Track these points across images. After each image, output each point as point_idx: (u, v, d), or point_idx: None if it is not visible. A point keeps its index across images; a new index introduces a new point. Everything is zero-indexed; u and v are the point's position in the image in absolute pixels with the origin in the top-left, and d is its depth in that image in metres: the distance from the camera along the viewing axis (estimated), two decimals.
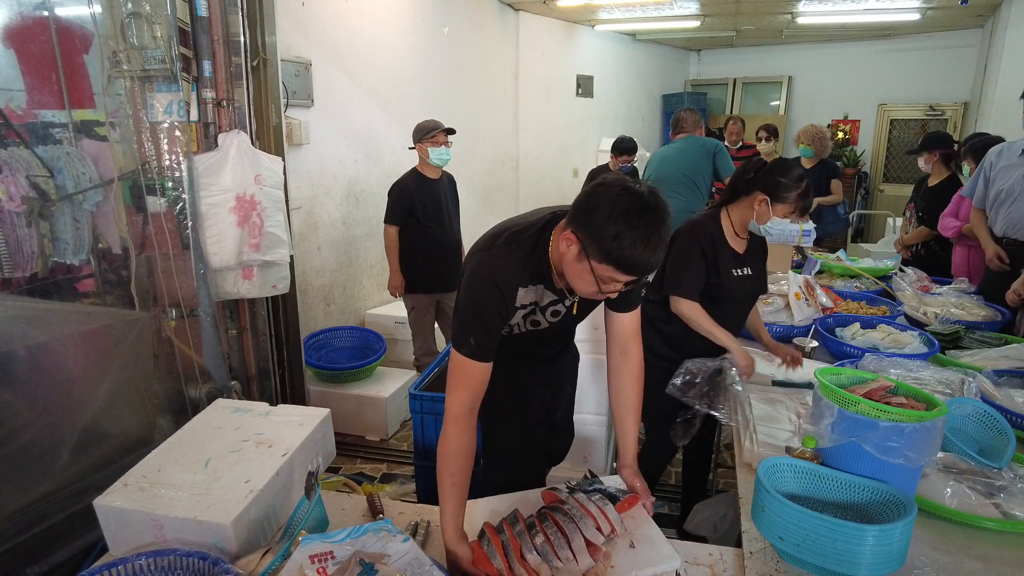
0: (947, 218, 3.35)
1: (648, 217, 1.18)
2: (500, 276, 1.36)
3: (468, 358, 1.35)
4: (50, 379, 1.97)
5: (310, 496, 1.35)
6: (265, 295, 2.57)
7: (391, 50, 4.54)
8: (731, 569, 1.27)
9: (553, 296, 1.44)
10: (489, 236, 1.44)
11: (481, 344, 1.35)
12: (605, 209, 1.18)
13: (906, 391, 1.34)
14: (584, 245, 1.21)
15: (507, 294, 1.37)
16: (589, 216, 1.20)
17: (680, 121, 4.03)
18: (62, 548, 1.89)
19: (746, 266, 2.07)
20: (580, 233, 1.22)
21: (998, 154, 2.83)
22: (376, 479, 3.11)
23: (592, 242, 1.20)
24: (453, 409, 1.35)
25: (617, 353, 1.57)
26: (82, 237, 2.12)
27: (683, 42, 8.54)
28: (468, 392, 1.36)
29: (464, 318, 1.37)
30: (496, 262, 1.38)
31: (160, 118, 2.26)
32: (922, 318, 2.42)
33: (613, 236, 1.17)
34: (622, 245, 1.17)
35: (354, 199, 4.27)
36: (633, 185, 1.21)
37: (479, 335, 1.35)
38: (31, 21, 2.06)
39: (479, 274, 1.38)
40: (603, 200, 1.20)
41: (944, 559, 1.21)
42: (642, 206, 1.18)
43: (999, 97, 5.74)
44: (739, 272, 2.06)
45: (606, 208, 1.18)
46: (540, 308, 1.45)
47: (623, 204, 1.18)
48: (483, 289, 1.36)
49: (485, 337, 1.36)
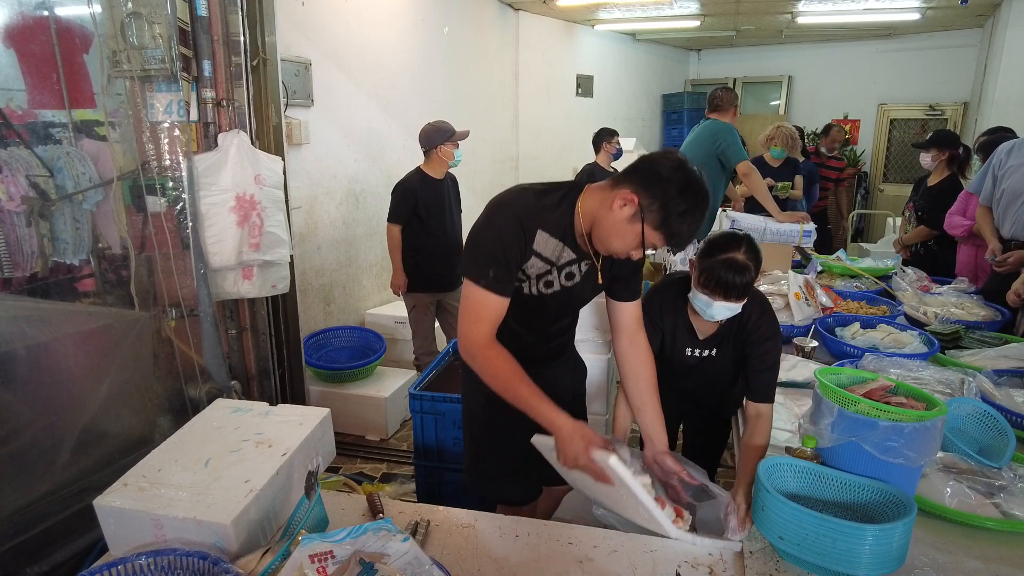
0: (955, 216, 3.30)
1: (705, 201, 1.30)
2: (523, 213, 1.38)
3: (486, 290, 1.35)
4: (50, 379, 1.97)
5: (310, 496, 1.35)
6: (265, 295, 2.57)
7: (391, 50, 4.55)
8: (731, 569, 1.27)
9: (572, 256, 1.44)
10: (524, 184, 1.46)
11: (499, 276, 1.35)
12: (679, 183, 1.27)
13: (906, 391, 1.34)
14: (644, 209, 1.28)
15: (527, 231, 1.38)
16: (663, 185, 1.27)
17: (714, 99, 3.91)
18: (62, 548, 1.89)
19: (709, 348, 1.82)
20: (646, 198, 1.28)
21: (1008, 152, 2.78)
22: (376, 479, 3.11)
23: (658, 209, 1.27)
24: (479, 340, 1.35)
25: (626, 342, 1.60)
26: (82, 237, 2.11)
27: (683, 42, 8.54)
28: (488, 325, 1.36)
29: (482, 249, 1.37)
30: (521, 199, 1.40)
31: (160, 118, 2.26)
32: (922, 318, 2.42)
33: (681, 212, 1.27)
34: (684, 220, 1.28)
35: (354, 199, 4.27)
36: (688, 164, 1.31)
37: (498, 266, 1.35)
38: (31, 21, 2.06)
39: (502, 208, 1.39)
40: (678, 175, 1.28)
41: (944, 559, 1.21)
42: (704, 192, 1.30)
43: (999, 97, 5.74)
44: (694, 353, 1.83)
45: (680, 182, 1.27)
46: (557, 268, 1.45)
47: (694, 186, 1.28)
48: (506, 221, 1.37)
49: (504, 270, 1.36)
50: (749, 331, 1.72)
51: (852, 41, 7.90)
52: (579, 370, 1.86)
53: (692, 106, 8.37)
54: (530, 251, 1.40)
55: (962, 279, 2.96)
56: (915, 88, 7.69)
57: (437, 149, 3.35)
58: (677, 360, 1.84)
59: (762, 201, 3.78)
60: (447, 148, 3.35)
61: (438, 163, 3.39)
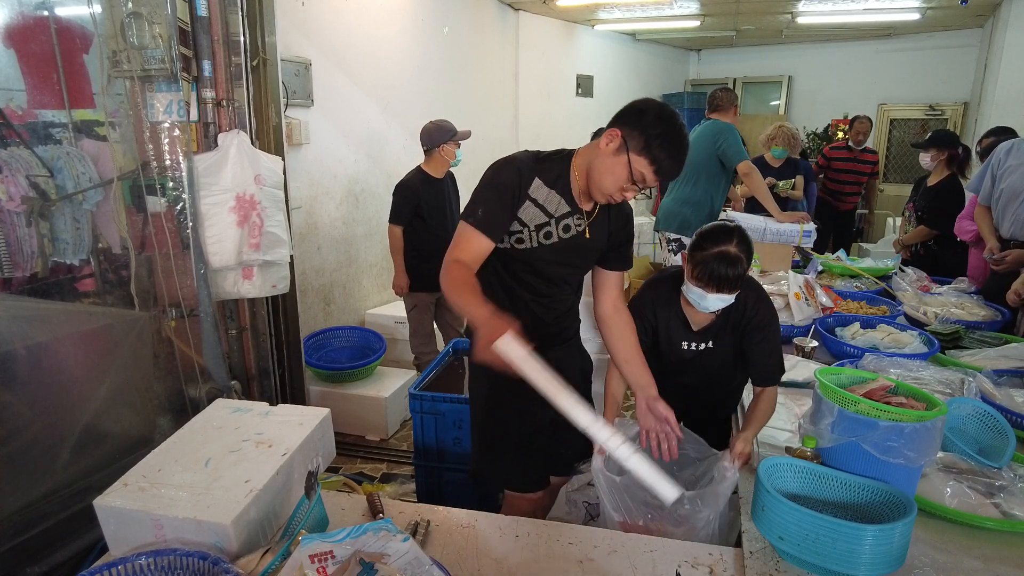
0: (964, 221, 3.29)
1: (682, 132, 1.46)
2: (522, 164, 1.54)
3: (473, 227, 1.48)
4: (50, 379, 1.97)
5: (310, 496, 1.35)
6: (265, 295, 2.57)
7: (391, 50, 4.55)
8: (731, 569, 1.27)
9: (568, 209, 1.57)
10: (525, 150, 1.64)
11: (488, 215, 1.49)
12: (655, 112, 1.45)
13: (906, 391, 1.34)
14: (627, 139, 1.44)
15: (524, 177, 1.52)
16: (640, 116, 1.45)
17: (714, 99, 3.93)
18: (62, 548, 1.89)
19: (705, 341, 1.82)
20: (626, 128, 1.45)
21: (1007, 152, 2.79)
22: (376, 479, 3.11)
23: (638, 135, 1.43)
24: (450, 258, 1.48)
25: (610, 308, 1.73)
26: (82, 237, 2.11)
27: (683, 42, 8.54)
28: (467, 256, 1.49)
29: (477, 194, 1.52)
30: (522, 155, 1.58)
31: (160, 118, 2.26)
32: (922, 318, 2.42)
33: (658, 135, 1.42)
34: (663, 144, 1.42)
35: (354, 199, 4.27)
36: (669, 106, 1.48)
37: (488, 205, 1.49)
38: (31, 21, 2.06)
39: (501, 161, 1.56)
40: (652, 107, 1.46)
41: (944, 559, 1.21)
42: (680, 123, 1.47)
43: (999, 97, 5.74)
44: (690, 347, 1.83)
45: (655, 111, 1.45)
46: (555, 219, 1.56)
47: (668, 115, 1.45)
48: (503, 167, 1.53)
49: (494, 210, 1.49)
50: (748, 319, 1.74)
51: (852, 41, 7.90)
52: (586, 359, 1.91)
53: (692, 106, 8.37)
54: (525, 195, 1.53)
55: (962, 279, 2.96)
56: (915, 88, 7.68)
57: (439, 148, 3.34)
58: (674, 354, 1.84)
59: (762, 201, 3.78)
60: (449, 147, 3.35)
61: (439, 162, 3.38)
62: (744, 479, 1.53)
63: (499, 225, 1.51)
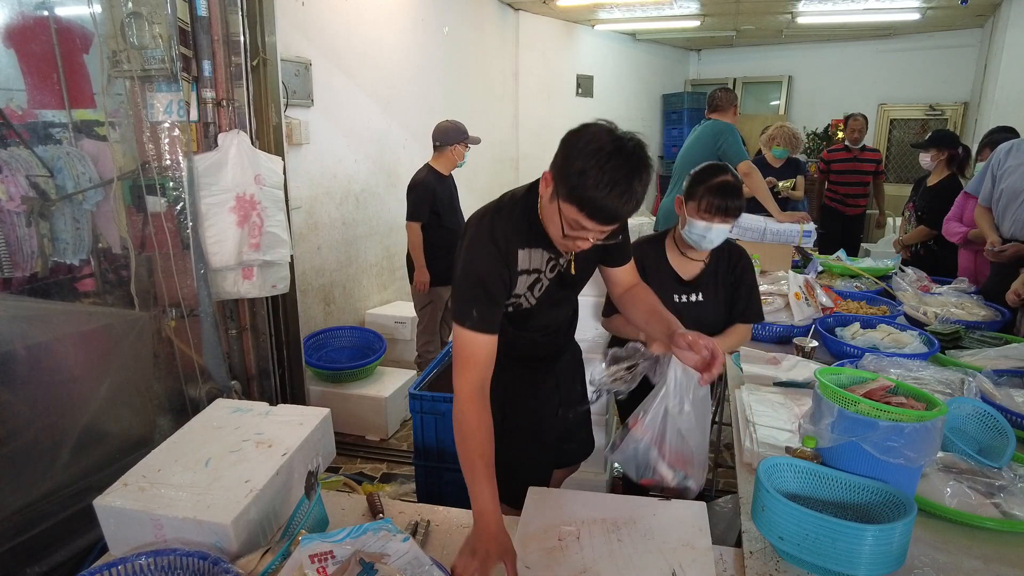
0: (952, 223, 3.30)
1: (619, 161, 1.12)
2: (497, 236, 1.33)
3: (472, 331, 1.30)
4: (50, 379, 1.97)
5: (310, 496, 1.35)
6: (265, 295, 2.57)
7: (391, 50, 4.55)
8: (731, 569, 1.27)
9: (551, 255, 1.41)
10: (480, 210, 1.43)
11: (484, 315, 1.31)
12: (580, 145, 1.14)
13: (906, 391, 1.34)
14: (556, 182, 1.19)
15: (507, 256, 1.34)
16: (563, 151, 1.17)
17: (713, 99, 3.94)
18: (62, 548, 1.89)
19: (695, 292, 1.94)
20: (554, 169, 1.20)
21: (1007, 152, 2.79)
22: (376, 479, 3.11)
23: (560, 177, 1.16)
24: (464, 390, 1.29)
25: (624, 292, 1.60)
26: (82, 237, 2.12)
27: (683, 42, 8.54)
28: (476, 371, 1.31)
29: (464, 289, 1.32)
30: (489, 228, 1.34)
31: (160, 118, 2.26)
32: (922, 318, 2.42)
33: (579, 172, 1.12)
34: (585, 184, 1.11)
35: (354, 199, 4.27)
36: (616, 130, 1.17)
37: (481, 304, 1.30)
38: (31, 21, 2.06)
39: (476, 244, 1.34)
40: (581, 138, 1.16)
41: (944, 559, 1.21)
42: (616, 149, 1.12)
43: (999, 97, 5.74)
44: (681, 298, 1.94)
45: (581, 144, 1.14)
46: (542, 272, 1.43)
47: (597, 142, 1.13)
48: (482, 253, 1.32)
49: (488, 306, 1.32)
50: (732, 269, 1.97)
51: (852, 41, 7.90)
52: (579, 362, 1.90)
53: (692, 106, 8.37)
54: (515, 275, 1.38)
55: (962, 279, 2.95)
56: (915, 88, 7.68)
57: (452, 147, 3.42)
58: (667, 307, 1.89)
59: (763, 201, 3.78)
60: (460, 148, 3.44)
61: (448, 161, 3.45)
62: (744, 479, 1.53)
63: (498, 317, 1.35)
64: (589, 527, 1.38)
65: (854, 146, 5.11)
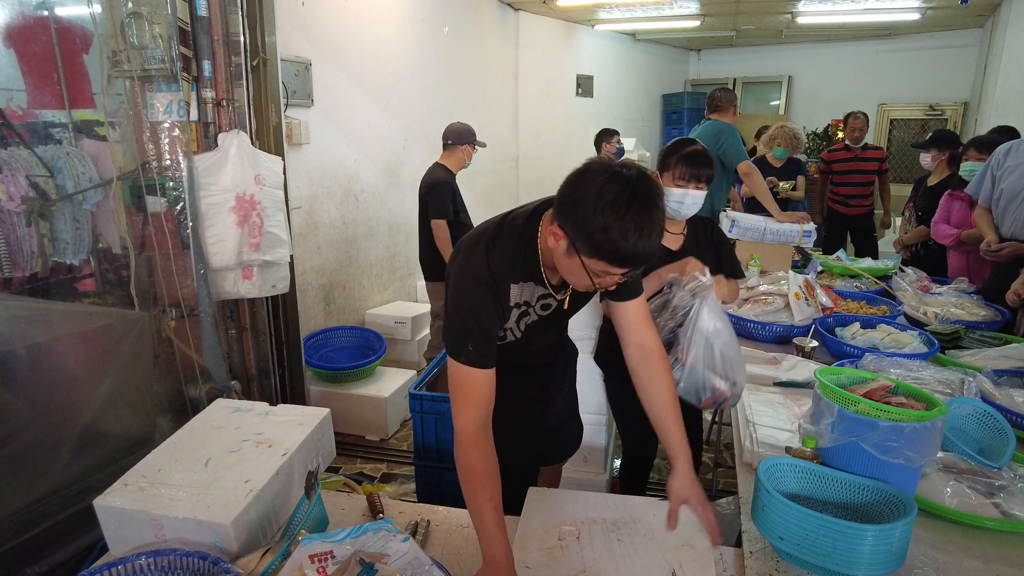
0: (940, 225, 3.30)
1: (638, 204, 1.08)
2: (493, 272, 1.28)
3: (469, 367, 1.24)
4: (50, 379, 1.97)
5: (310, 496, 1.35)
6: (265, 295, 2.57)
7: (391, 50, 4.55)
8: (731, 569, 1.27)
9: (543, 290, 1.36)
10: (475, 234, 1.36)
11: (480, 349, 1.25)
12: (591, 200, 1.09)
13: (906, 391, 1.34)
14: (572, 240, 1.14)
15: (500, 293, 1.29)
16: (574, 209, 1.12)
17: (713, 100, 3.93)
18: (62, 548, 1.89)
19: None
20: (567, 227, 1.14)
21: (1006, 153, 2.79)
22: (376, 479, 3.11)
23: (580, 236, 1.12)
24: (468, 430, 1.23)
25: (634, 347, 1.45)
26: (82, 237, 2.12)
27: (683, 42, 8.54)
28: (477, 407, 1.25)
29: (458, 324, 1.27)
30: (484, 260, 1.28)
31: (160, 118, 2.26)
32: (922, 318, 2.42)
33: (602, 228, 1.08)
34: (612, 238, 1.08)
35: (354, 199, 4.27)
36: (619, 170, 1.13)
37: (477, 340, 1.25)
38: (31, 21, 2.06)
39: (468, 274, 1.28)
40: (588, 191, 1.11)
41: (944, 559, 1.21)
42: (630, 193, 1.09)
43: (999, 97, 5.74)
44: None
45: (592, 199, 1.09)
46: (531, 306, 1.39)
47: (610, 193, 1.09)
48: (476, 290, 1.27)
49: (484, 341, 1.26)
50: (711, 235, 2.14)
51: (852, 41, 7.90)
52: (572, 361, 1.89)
53: (692, 106, 8.38)
54: (507, 309, 1.33)
55: (962, 279, 2.95)
56: (915, 88, 7.68)
57: (462, 147, 3.52)
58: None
59: (763, 201, 3.78)
60: (469, 149, 3.54)
61: (458, 160, 3.54)
62: (744, 479, 1.53)
63: (493, 350, 1.29)
64: (589, 527, 1.38)
65: (855, 145, 4.97)
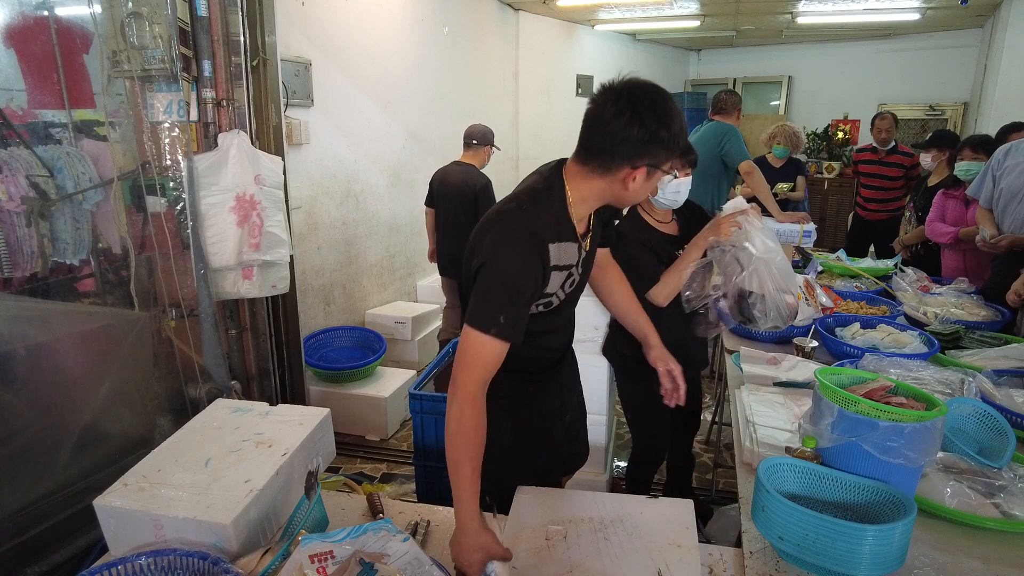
0: (935, 224, 3.30)
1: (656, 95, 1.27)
2: (536, 230, 1.29)
3: (495, 338, 1.23)
4: (50, 379, 1.97)
5: (310, 496, 1.35)
6: (265, 295, 2.57)
7: (391, 50, 4.55)
8: (731, 569, 1.27)
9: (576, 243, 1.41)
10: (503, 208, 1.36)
11: (511, 322, 1.25)
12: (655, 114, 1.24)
13: (906, 391, 1.34)
14: (653, 164, 1.29)
15: (543, 255, 1.30)
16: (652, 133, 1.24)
17: (718, 102, 3.92)
18: (62, 548, 1.89)
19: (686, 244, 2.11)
20: (646, 157, 1.27)
21: (1006, 152, 2.80)
22: (376, 479, 3.11)
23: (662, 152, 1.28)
24: (468, 389, 1.24)
25: (598, 269, 1.71)
26: (82, 237, 2.12)
27: (683, 42, 8.54)
28: (484, 372, 1.26)
29: (493, 292, 1.25)
30: (528, 220, 1.30)
31: (160, 118, 2.26)
32: (922, 318, 2.42)
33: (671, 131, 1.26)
34: (680, 133, 1.29)
35: (354, 199, 4.27)
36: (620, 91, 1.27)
37: (511, 309, 1.25)
38: (31, 21, 2.06)
39: (510, 237, 1.28)
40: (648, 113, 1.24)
41: (944, 559, 1.21)
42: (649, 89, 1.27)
43: (999, 97, 5.74)
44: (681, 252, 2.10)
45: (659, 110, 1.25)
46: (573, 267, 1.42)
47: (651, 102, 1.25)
48: (519, 251, 1.26)
49: (518, 311, 1.27)
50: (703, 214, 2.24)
51: (852, 41, 7.90)
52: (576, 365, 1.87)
53: (692, 106, 8.37)
54: (549, 271, 1.33)
55: (962, 279, 2.95)
56: (915, 88, 7.69)
57: (486, 148, 3.69)
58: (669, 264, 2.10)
59: (764, 201, 3.78)
60: (490, 150, 3.73)
61: (481, 161, 3.69)
62: (744, 479, 1.53)
63: (524, 321, 1.30)
64: (576, 526, 1.38)
65: (882, 147, 4.71)
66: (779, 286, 1.83)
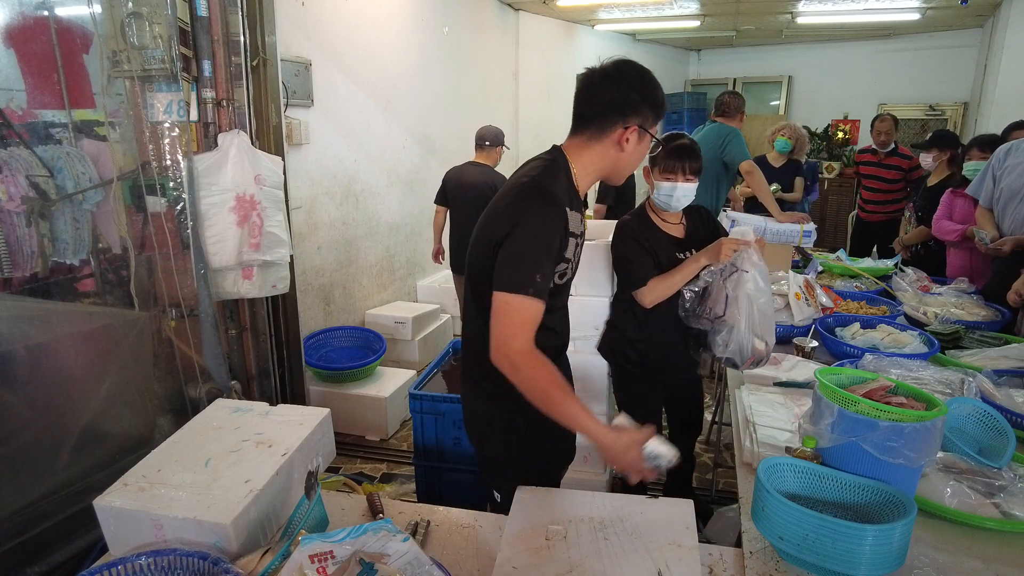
0: (942, 222, 3.29)
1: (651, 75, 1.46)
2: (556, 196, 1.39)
3: (534, 298, 1.31)
4: (50, 379, 1.97)
5: (310, 496, 1.35)
6: (265, 295, 2.57)
7: (391, 50, 4.55)
8: (731, 569, 1.27)
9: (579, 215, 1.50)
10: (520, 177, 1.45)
11: (545, 280, 1.35)
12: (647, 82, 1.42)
13: (906, 391, 1.34)
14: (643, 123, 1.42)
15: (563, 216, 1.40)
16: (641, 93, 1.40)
17: (721, 104, 3.92)
18: (62, 548, 1.89)
19: (691, 248, 2.14)
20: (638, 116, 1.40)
21: (1006, 152, 2.80)
22: (376, 479, 3.11)
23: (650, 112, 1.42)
24: (525, 350, 1.31)
25: None
26: (82, 237, 2.12)
27: (683, 42, 8.54)
28: (531, 331, 1.33)
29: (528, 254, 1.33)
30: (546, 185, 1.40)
31: (160, 118, 2.26)
32: (922, 318, 2.42)
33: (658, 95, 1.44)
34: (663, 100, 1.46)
35: (354, 199, 4.27)
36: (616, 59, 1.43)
37: (546, 269, 1.34)
38: (31, 21, 2.06)
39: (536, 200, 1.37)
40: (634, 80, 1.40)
41: (944, 559, 1.21)
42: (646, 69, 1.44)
43: (999, 97, 5.74)
44: (683, 255, 2.11)
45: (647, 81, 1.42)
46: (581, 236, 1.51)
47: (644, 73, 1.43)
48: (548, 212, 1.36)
49: (550, 269, 1.37)
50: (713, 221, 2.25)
51: (852, 41, 7.90)
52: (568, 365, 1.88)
53: (692, 106, 8.37)
54: (568, 235, 1.42)
55: (962, 279, 2.95)
56: (915, 88, 7.68)
57: (498, 149, 3.79)
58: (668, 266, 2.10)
59: (764, 201, 3.78)
60: (501, 150, 3.81)
61: (493, 161, 3.78)
62: (744, 479, 1.53)
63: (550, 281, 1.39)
64: (576, 526, 1.38)
65: (881, 149, 4.71)
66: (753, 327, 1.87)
